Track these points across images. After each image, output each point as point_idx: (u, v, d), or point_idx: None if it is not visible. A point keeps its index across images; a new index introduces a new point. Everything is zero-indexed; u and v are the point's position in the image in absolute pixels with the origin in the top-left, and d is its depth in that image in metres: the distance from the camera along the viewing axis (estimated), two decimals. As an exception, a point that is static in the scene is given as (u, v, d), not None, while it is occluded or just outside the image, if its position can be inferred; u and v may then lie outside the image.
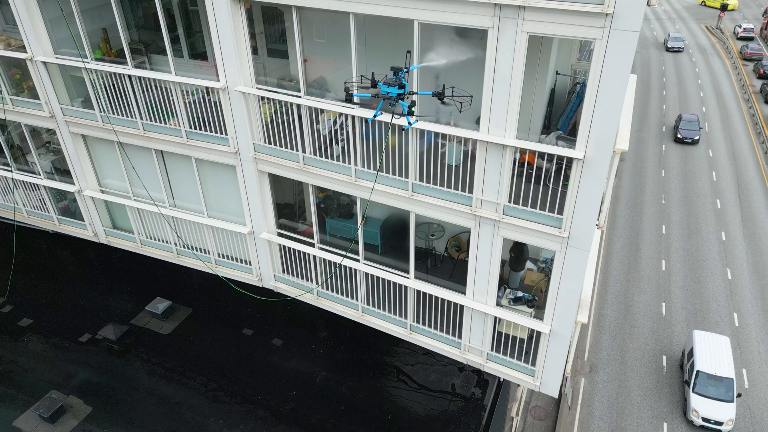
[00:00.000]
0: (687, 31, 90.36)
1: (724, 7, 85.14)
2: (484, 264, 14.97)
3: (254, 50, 16.41)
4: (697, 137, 56.03)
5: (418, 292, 16.84)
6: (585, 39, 11.21)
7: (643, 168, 53.52)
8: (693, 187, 50.70)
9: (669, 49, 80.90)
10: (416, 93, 11.95)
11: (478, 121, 13.62)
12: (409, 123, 11.60)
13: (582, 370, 34.84)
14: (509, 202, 13.72)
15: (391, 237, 18.27)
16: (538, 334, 15.23)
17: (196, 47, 18.68)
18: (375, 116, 11.78)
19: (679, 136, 56.52)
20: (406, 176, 14.89)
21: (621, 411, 31.96)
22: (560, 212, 13.20)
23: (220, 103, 16.69)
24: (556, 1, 10.88)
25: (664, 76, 72.69)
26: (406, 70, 11.04)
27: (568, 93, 16.98)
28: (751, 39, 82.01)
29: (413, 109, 11.22)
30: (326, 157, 16.12)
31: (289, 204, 19.74)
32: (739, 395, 31.05)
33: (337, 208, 19.09)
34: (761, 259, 42.38)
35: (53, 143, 22.48)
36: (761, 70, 68.99)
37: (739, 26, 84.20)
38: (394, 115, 12.29)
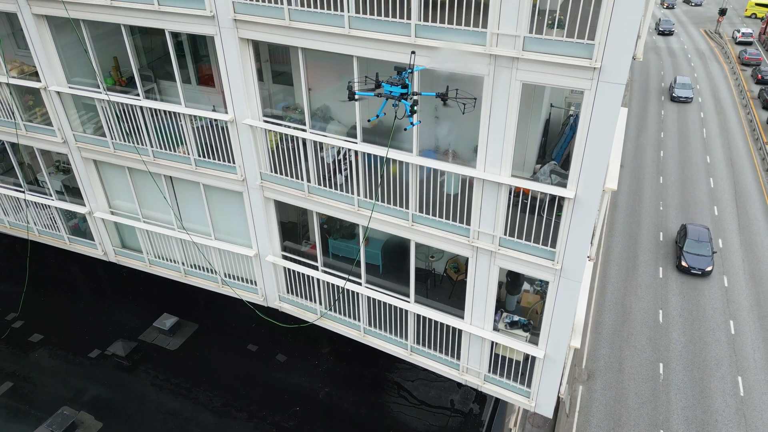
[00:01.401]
0: (686, 35, 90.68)
1: (722, 12, 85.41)
2: (482, 291, 15.64)
3: (259, 76, 17.07)
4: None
5: (419, 315, 17.48)
6: (575, 89, 11.81)
7: (641, 174, 53.98)
8: (691, 194, 51.12)
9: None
10: (419, 93, 11.97)
11: (476, 150, 14.23)
12: (411, 123, 11.66)
13: (580, 377, 35.32)
14: (505, 234, 14.36)
15: (392, 258, 18.89)
16: (533, 358, 15.87)
17: (204, 73, 19.38)
18: (378, 116, 11.90)
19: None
20: (407, 207, 15.54)
21: (618, 419, 32.46)
22: (553, 245, 13.86)
23: (227, 129, 17.31)
24: (548, 54, 11.51)
25: (663, 80, 73.11)
26: (409, 70, 11.26)
27: (562, 125, 17.59)
28: (749, 44, 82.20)
29: (416, 108, 11.29)
30: (330, 186, 16.76)
31: (293, 222, 20.39)
32: None
33: (339, 229, 19.72)
34: (757, 267, 42.79)
35: (63, 162, 23.12)
36: (759, 75, 69.14)
37: (738, 31, 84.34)
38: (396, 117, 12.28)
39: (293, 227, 20.50)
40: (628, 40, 10.79)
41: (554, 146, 16.86)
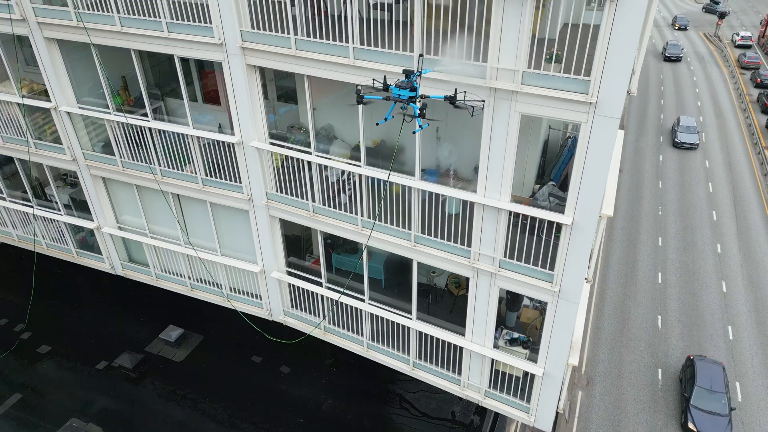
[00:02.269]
0: (685, 38, 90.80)
1: (721, 15, 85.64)
2: (482, 310, 16.07)
3: (264, 95, 17.41)
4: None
5: (421, 331, 17.90)
6: (572, 121, 12.23)
7: (640, 179, 54.32)
8: (689, 199, 51.41)
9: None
10: (428, 96, 11.89)
11: (476, 170, 14.65)
12: (420, 126, 11.55)
13: (579, 383, 35.65)
14: (505, 256, 14.78)
15: (394, 272, 19.30)
16: (533, 375, 16.30)
17: (209, 89, 19.80)
18: (386, 119, 11.94)
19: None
20: (409, 228, 15.96)
21: (617, 424, 32.80)
22: (552, 268, 14.28)
23: (234, 149, 17.73)
24: (546, 88, 11.93)
25: (663, 84, 73.46)
26: (417, 73, 11.33)
27: (561, 146, 18.00)
28: (748, 47, 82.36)
29: (424, 111, 11.08)
30: (334, 207, 17.18)
31: (297, 235, 20.82)
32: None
33: (342, 244, 20.13)
34: (756, 272, 43.07)
35: (70, 176, 23.52)
36: (758, 79, 69.28)
37: (737, 34, 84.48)
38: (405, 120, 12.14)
39: (297, 240, 20.92)
40: (622, 76, 11.20)
41: (553, 167, 17.27)
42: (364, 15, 14.03)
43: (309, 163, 16.75)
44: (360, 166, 15.79)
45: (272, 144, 17.10)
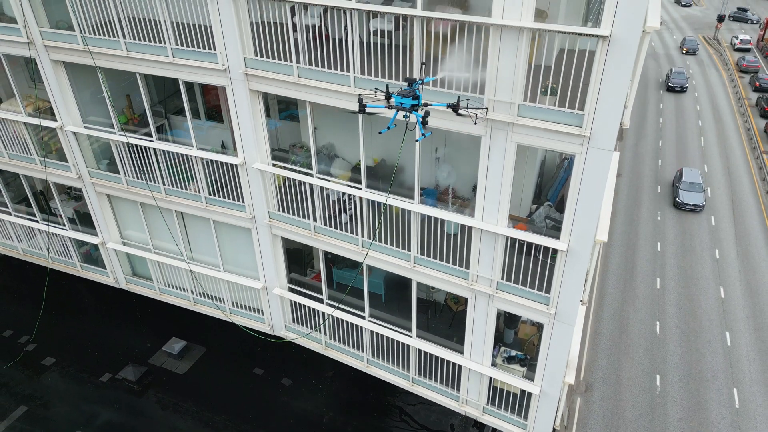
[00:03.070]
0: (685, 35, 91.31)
1: (720, 19, 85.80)
2: (480, 329, 16.42)
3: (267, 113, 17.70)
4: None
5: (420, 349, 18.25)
6: (567, 153, 12.56)
7: (639, 184, 54.52)
8: (688, 203, 51.61)
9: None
10: (430, 104, 11.91)
11: (474, 189, 14.97)
12: (423, 134, 11.33)
13: (578, 389, 35.90)
14: (502, 278, 15.11)
15: (394, 287, 19.62)
16: (529, 393, 16.64)
17: (212, 104, 20.14)
18: (389, 127, 12.03)
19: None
20: (409, 249, 16.30)
21: (615, 430, 33.08)
22: (548, 291, 14.62)
23: (237, 170, 18.07)
24: (541, 120, 12.26)
25: (661, 88, 73.66)
26: (420, 81, 11.48)
27: (557, 166, 18.30)
28: (747, 50, 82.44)
29: (427, 120, 11.01)
30: (335, 227, 17.52)
31: (298, 249, 21.13)
32: None
33: (343, 259, 20.41)
34: (754, 278, 43.25)
35: (74, 189, 23.83)
36: (757, 83, 69.32)
37: (736, 37, 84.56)
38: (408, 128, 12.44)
39: (298, 254, 21.24)
40: (615, 110, 11.50)
41: (549, 187, 17.58)
42: (364, 39, 14.36)
43: (311, 185, 17.08)
44: (360, 189, 16.09)
45: (275, 165, 17.41)
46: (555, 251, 14.36)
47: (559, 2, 14.09)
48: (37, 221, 23.76)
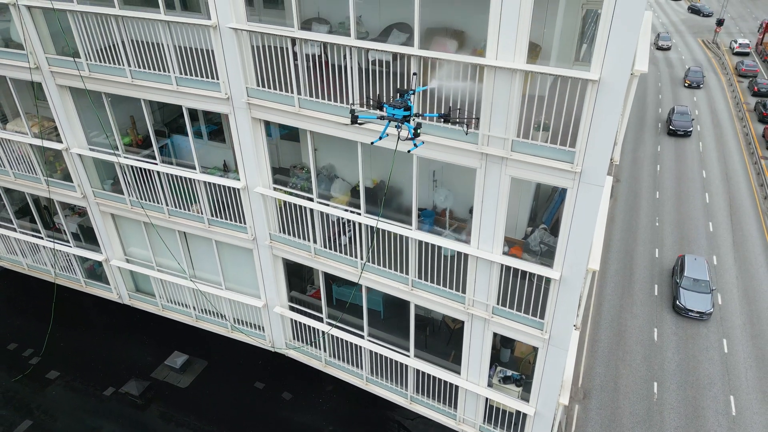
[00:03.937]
0: (684, 45, 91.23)
1: (719, 22, 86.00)
2: (476, 351, 16.81)
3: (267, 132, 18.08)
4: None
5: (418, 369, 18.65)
6: (559, 186, 12.95)
7: (638, 189, 54.81)
8: (686, 209, 51.82)
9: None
10: (422, 115, 12.04)
11: (471, 211, 15.34)
12: (415, 145, 11.31)
13: (576, 396, 36.19)
14: (498, 303, 15.50)
15: (393, 304, 19.93)
16: (525, 414, 17.03)
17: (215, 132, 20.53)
18: (381, 137, 11.97)
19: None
20: (407, 272, 16.68)
21: (613, 439, 33.48)
22: (542, 317, 15.01)
23: (239, 193, 18.44)
24: (534, 156, 12.64)
25: (660, 92, 73.89)
26: (412, 92, 11.60)
27: (552, 189, 18.65)
28: (746, 54, 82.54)
29: (419, 131, 11.03)
30: (334, 249, 17.89)
31: (299, 264, 21.43)
32: None
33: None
34: (751, 284, 43.48)
35: (78, 205, 24.16)
36: (756, 87, 69.43)
37: (735, 41, 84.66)
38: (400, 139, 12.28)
39: (299, 269, 21.58)
40: (605, 147, 11.91)
41: (545, 210, 17.94)
42: (363, 66, 14.72)
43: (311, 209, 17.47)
44: (360, 214, 16.47)
45: (276, 189, 17.79)
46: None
47: (552, 34, 14.49)
48: (42, 237, 24.12)
